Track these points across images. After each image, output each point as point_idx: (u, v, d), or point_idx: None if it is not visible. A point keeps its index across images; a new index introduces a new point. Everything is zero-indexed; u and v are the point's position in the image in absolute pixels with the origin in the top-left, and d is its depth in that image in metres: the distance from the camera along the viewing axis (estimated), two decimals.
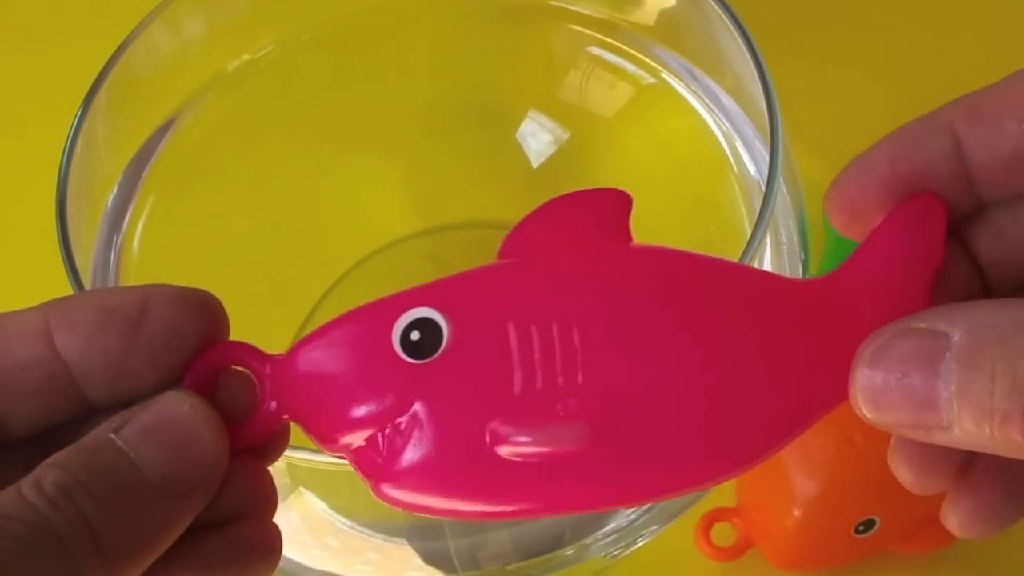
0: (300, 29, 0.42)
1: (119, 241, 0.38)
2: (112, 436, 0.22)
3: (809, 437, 0.39)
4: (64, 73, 0.43)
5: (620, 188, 0.25)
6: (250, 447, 0.23)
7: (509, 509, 0.23)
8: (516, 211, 0.44)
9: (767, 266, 0.35)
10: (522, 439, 0.22)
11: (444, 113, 0.45)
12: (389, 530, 0.34)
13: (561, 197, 0.25)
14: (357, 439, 0.23)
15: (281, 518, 0.33)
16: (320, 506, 0.33)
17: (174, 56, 0.39)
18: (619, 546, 0.35)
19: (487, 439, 0.22)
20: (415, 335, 0.22)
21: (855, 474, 0.39)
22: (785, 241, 0.36)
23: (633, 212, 0.43)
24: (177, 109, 0.40)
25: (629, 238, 0.24)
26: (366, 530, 0.34)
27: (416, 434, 0.22)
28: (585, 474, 0.22)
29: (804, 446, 0.39)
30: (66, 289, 0.32)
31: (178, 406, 0.22)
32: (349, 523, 0.34)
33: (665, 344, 0.23)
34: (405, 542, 0.34)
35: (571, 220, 0.24)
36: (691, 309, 0.23)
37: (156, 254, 0.39)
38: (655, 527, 0.35)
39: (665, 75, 0.42)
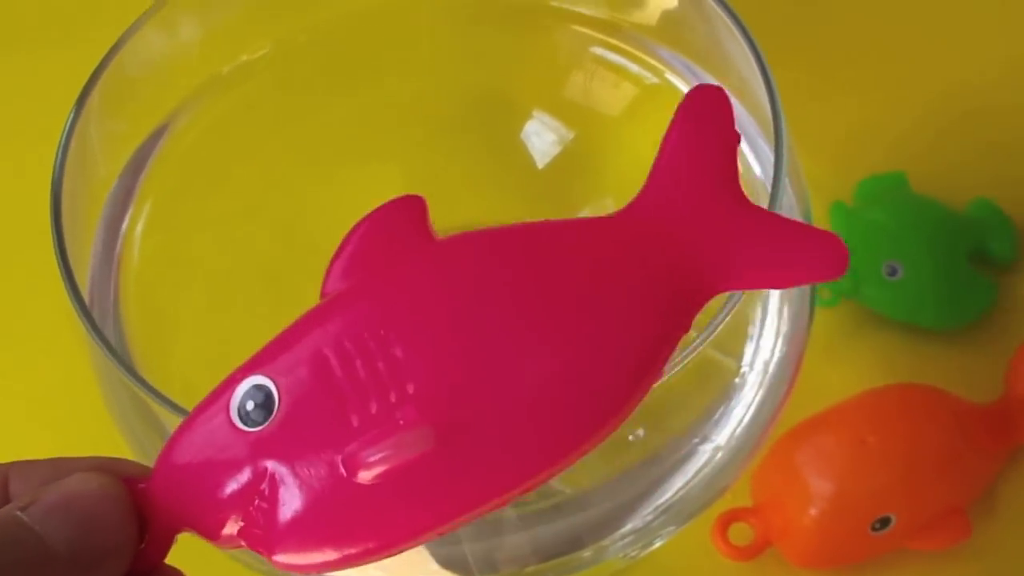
0: (298, 30, 0.41)
1: (118, 247, 0.37)
2: (17, 512, 0.22)
3: (823, 438, 0.39)
4: (57, 75, 0.42)
5: (414, 195, 0.26)
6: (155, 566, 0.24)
7: (398, 535, 0.23)
8: (521, 212, 0.44)
9: None
10: (373, 457, 0.22)
11: (446, 115, 0.44)
12: None
13: (361, 222, 0.25)
14: (236, 523, 0.23)
15: None
16: None
17: (169, 58, 0.38)
18: (637, 547, 0.35)
19: (343, 473, 0.22)
20: (250, 405, 0.23)
21: (869, 473, 0.39)
22: None
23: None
24: (173, 112, 0.39)
25: (431, 237, 0.24)
26: None
27: (280, 495, 0.22)
28: (450, 476, 0.22)
29: (818, 447, 0.39)
30: (64, 299, 0.31)
31: (84, 484, 0.23)
32: None
33: (486, 330, 0.23)
34: (422, 546, 0.33)
35: (378, 240, 0.25)
36: (505, 289, 0.23)
37: (155, 260, 0.38)
38: (672, 528, 0.35)
39: (668, 75, 0.41)
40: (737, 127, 0.39)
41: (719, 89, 0.26)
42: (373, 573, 0.33)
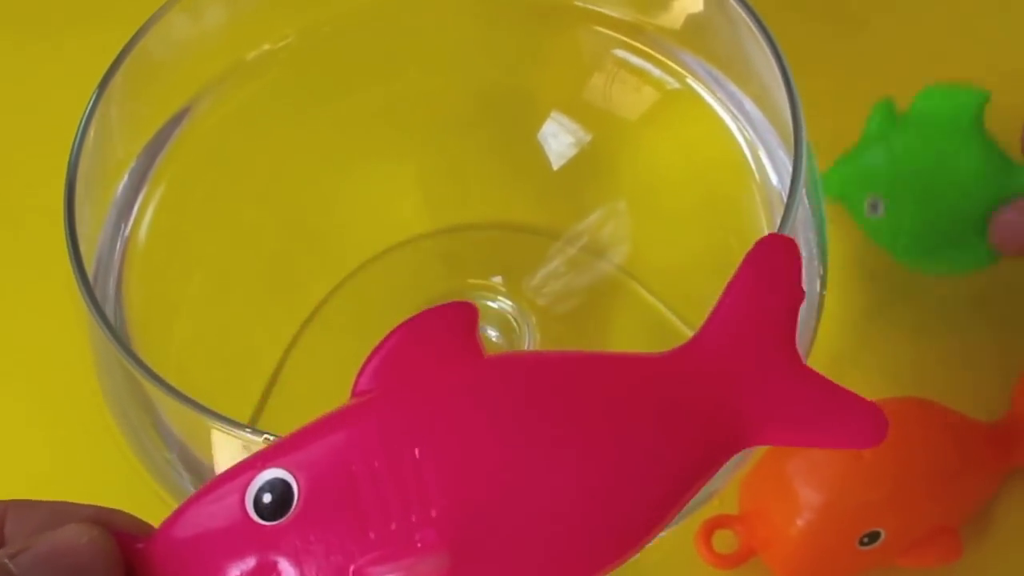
0: (322, 20, 0.42)
1: (127, 229, 0.37)
2: (6, 560, 0.22)
3: (816, 449, 0.39)
4: (82, 57, 0.42)
5: (467, 302, 0.25)
6: None
7: None
8: (533, 213, 0.44)
9: None
10: (385, 574, 0.22)
11: (464, 112, 0.44)
12: None
13: (406, 322, 0.24)
14: None
15: None
16: None
17: (193, 43, 0.39)
18: None
19: None
20: (267, 498, 0.22)
21: (860, 486, 0.38)
22: (804, 255, 0.35)
23: (653, 218, 0.42)
24: (194, 97, 0.40)
25: (479, 351, 0.24)
26: None
27: None
28: None
29: (810, 457, 0.39)
30: (70, 276, 0.32)
31: (76, 537, 0.23)
32: None
33: (517, 457, 0.23)
34: None
35: (419, 346, 0.24)
36: (543, 416, 0.23)
37: (163, 244, 0.38)
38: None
39: (690, 80, 0.41)
40: (758, 135, 0.39)
41: (791, 241, 0.26)
42: None
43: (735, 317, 0.25)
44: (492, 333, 0.40)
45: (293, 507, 0.22)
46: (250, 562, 0.22)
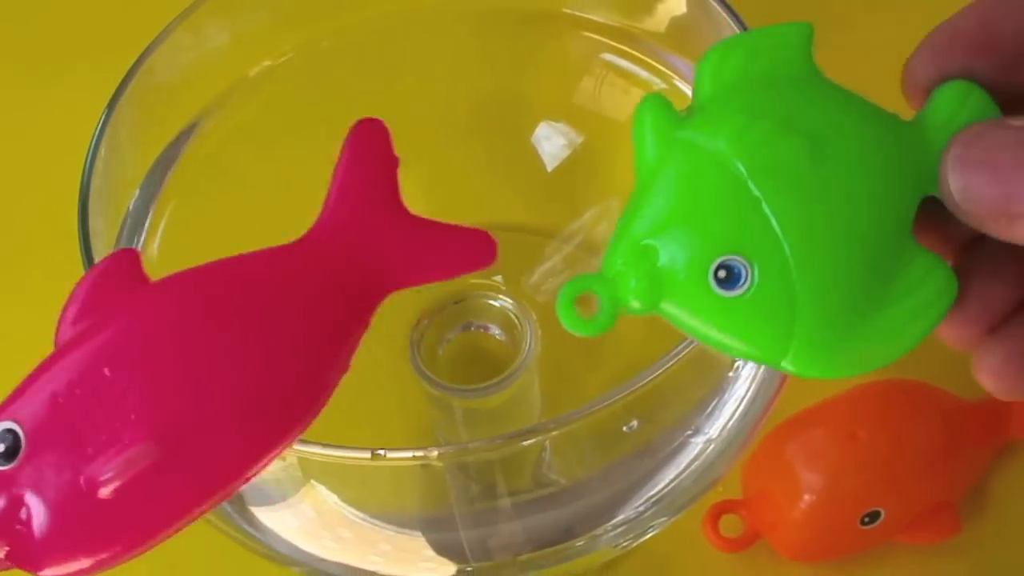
0: (320, 36, 0.42)
1: (140, 243, 0.37)
2: None
3: (813, 432, 0.39)
4: (90, 79, 0.42)
5: (128, 248, 0.31)
6: None
7: (141, 536, 0.26)
8: (529, 214, 0.44)
9: None
10: (107, 474, 0.25)
11: (460, 118, 0.44)
12: (401, 522, 0.34)
13: (83, 276, 0.28)
14: (3, 548, 0.26)
15: (294, 510, 0.33)
16: (332, 499, 0.33)
17: (197, 61, 0.39)
18: (628, 537, 0.35)
19: (87, 492, 0.25)
20: (1, 447, 0.26)
21: (858, 467, 0.39)
22: None
23: None
24: (199, 114, 0.40)
25: (144, 281, 0.28)
26: (378, 522, 0.33)
27: (36, 520, 0.26)
28: (177, 479, 0.25)
29: (809, 441, 0.39)
30: None
31: None
32: (361, 515, 0.33)
33: (193, 356, 0.26)
34: (418, 533, 0.34)
35: (96, 290, 0.28)
36: (205, 318, 0.27)
37: (176, 257, 0.38)
38: (664, 518, 0.35)
39: (676, 81, 0.41)
40: None
41: (378, 121, 0.31)
42: (371, 559, 0.33)
43: (349, 191, 0.30)
44: (495, 330, 0.40)
45: (23, 448, 0.26)
46: (2, 503, 0.26)
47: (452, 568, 0.33)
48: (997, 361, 0.26)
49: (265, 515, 0.33)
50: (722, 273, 0.24)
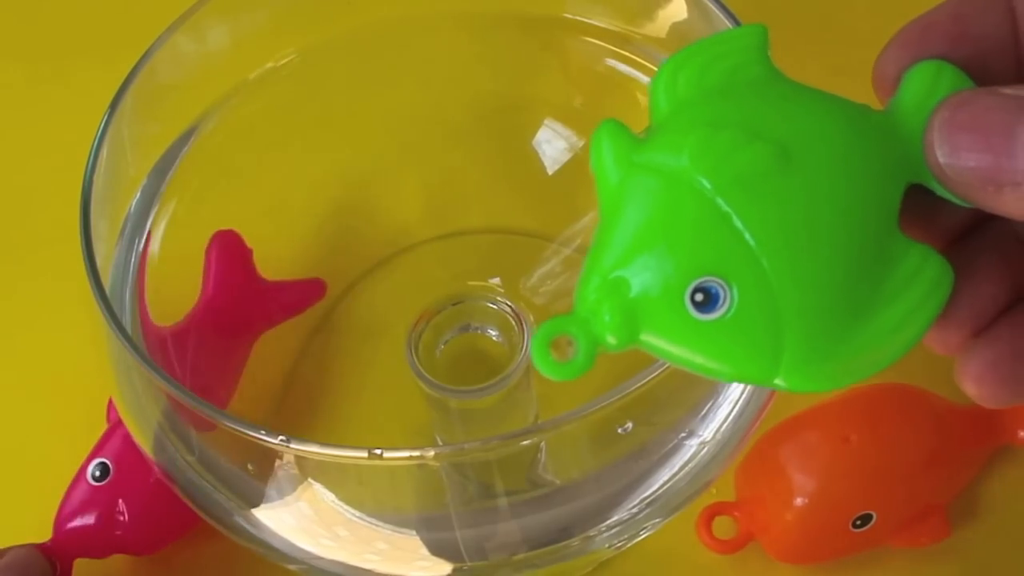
0: (321, 39, 0.42)
1: (140, 243, 0.37)
2: None
3: (807, 435, 0.39)
4: (93, 81, 0.42)
5: None
6: None
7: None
8: (529, 217, 0.44)
9: None
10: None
11: (461, 121, 0.44)
12: (398, 521, 0.33)
13: None
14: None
15: (292, 509, 0.33)
16: (329, 497, 0.33)
17: (199, 63, 0.39)
18: (623, 538, 0.34)
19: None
20: (98, 472, 0.40)
21: (851, 471, 0.38)
22: None
23: None
24: (201, 115, 0.40)
25: None
26: (375, 520, 0.33)
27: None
28: None
29: (802, 444, 0.39)
30: (87, 289, 0.32)
31: (19, 550, 0.39)
32: (358, 514, 0.33)
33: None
34: (414, 533, 0.34)
35: None
36: None
37: (176, 257, 0.39)
38: (658, 519, 0.34)
39: None
40: None
41: (232, 231, 0.41)
42: (368, 558, 0.33)
43: (220, 276, 0.40)
44: (492, 332, 0.40)
45: (111, 473, 0.40)
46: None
47: (448, 567, 0.33)
48: (981, 366, 0.25)
49: (263, 513, 0.33)
50: (699, 296, 0.23)
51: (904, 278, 0.24)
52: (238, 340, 0.40)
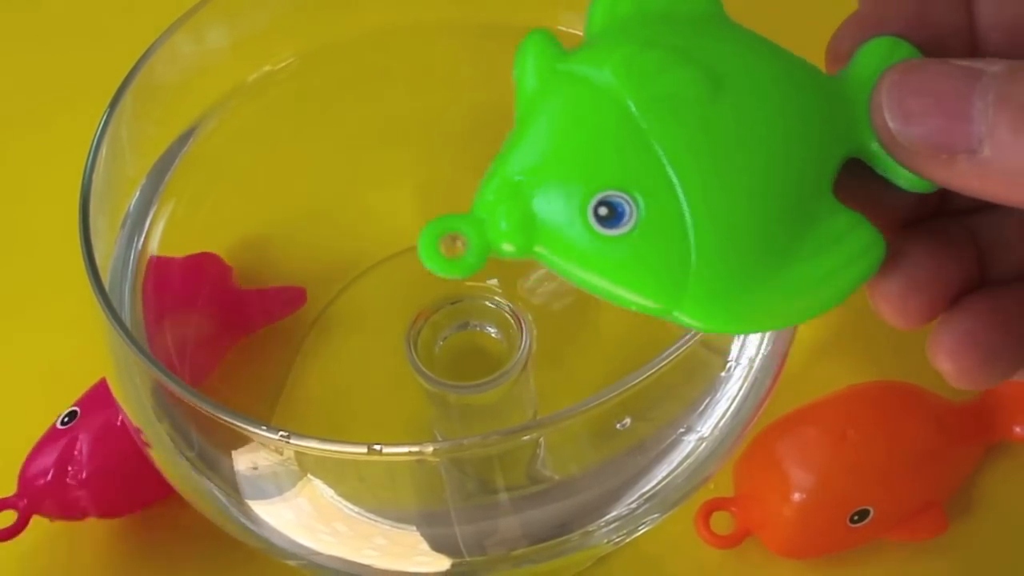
0: (319, 43, 0.41)
1: (139, 242, 0.37)
2: None
3: (804, 431, 0.38)
4: (90, 78, 0.42)
5: None
6: None
7: None
8: None
9: None
10: None
11: (456, 128, 0.44)
12: (396, 517, 0.33)
13: None
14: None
15: (291, 504, 0.32)
16: (328, 492, 0.32)
17: (198, 65, 0.39)
18: (622, 533, 0.34)
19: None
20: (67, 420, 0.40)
21: (849, 467, 0.38)
22: None
23: None
24: (200, 116, 0.39)
25: None
26: (374, 516, 0.33)
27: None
28: None
29: (800, 439, 0.39)
30: (87, 288, 0.31)
31: None
32: (357, 509, 0.33)
33: None
34: (413, 528, 0.33)
35: None
36: None
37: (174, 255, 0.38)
38: (656, 515, 0.34)
39: None
40: None
41: (212, 254, 0.40)
42: (367, 553, 0.33)
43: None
44: (490, 329, 0.40)
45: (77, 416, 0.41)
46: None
47: (447, 562, 0.33)
48: (953, 340, 0.23)
49: (262, 508, 0.33)
50: (603, 210, 0.21)
51: (829, 238, 0.22)
52: (217, 345, 0.40)
